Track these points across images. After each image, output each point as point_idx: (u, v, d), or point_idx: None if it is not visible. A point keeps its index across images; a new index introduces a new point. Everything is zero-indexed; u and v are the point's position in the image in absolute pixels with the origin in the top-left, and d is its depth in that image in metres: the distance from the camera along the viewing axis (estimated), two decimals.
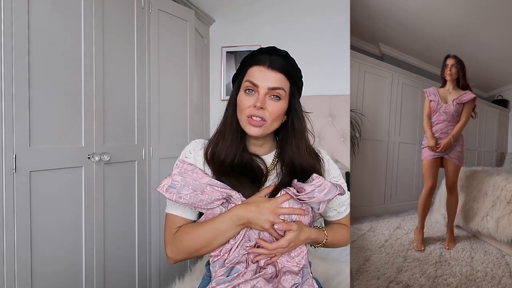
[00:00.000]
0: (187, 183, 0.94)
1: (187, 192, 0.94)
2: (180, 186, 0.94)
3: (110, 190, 1.86)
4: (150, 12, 2.14)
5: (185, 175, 0.95)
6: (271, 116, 0.99)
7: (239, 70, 1.05)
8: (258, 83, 0.98)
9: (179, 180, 0.94)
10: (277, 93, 0.99)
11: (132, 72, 2.01)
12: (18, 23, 1.35)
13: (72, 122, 1.62)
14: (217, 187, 0.96)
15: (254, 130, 0.99)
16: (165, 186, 0.95)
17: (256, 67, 0.99)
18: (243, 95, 1.00)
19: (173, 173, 0.96)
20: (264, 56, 1.00)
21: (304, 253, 1.00)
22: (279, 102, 0.99)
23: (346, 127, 2.66)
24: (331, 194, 0.95)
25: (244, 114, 0.99)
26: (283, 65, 1.00)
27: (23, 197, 1.39)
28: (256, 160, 1.04)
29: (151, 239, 2.18)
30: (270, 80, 0.98)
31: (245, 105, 0.99)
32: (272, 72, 0.98)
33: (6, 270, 1.33)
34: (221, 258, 0.98)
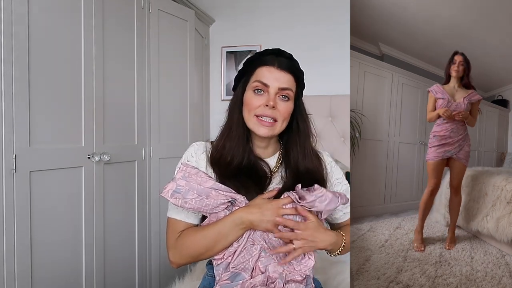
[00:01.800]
0: (192, 187, 0.93)
1: (192, 197, 0.93)
2: (185, 191, 0.93)
3: (110, 190, 1.86)
4: (150, 12, 2.14)
5: (189, 179, 0.94)
6: (282, 116, 0.99)
7: (244, 70, 1.05)
8: (269, 82, 0.98)
9: (184, 185, 0.93)
10: (287, 94, 0.99)
11: (132, 72, 2.01)
12: (18, 23, 1.35)
13: (72, 122, 1.62)
14: (221, 191, 0.95)
15: (264, 131, 0.98)
16: (170, 191, 0.94)
17: (265, 67, 0.99)
18: (251, 94, 0.99)
19: (177, 177, 0.95)
20: (271, 57, 1.00)
21: (311, 265, 0.98)
22: (288, 102, 1.00)
23: (346, 127, 2.65)
24: (332, 206, 0.95)
25: (253, 114, 0.98)
26: (290, 66, 1.00)
27: (23, 197, 1.39)
28: (260, 163, 1.03)
29: (151, 239, 2.18)
30: (280, 80, 0.98)
31: (255, 104, 0.98)
32: (282, 72, 0.99)
33: (6, 270, 1.33)
34: (224, 261, 0.97)
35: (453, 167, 1.70)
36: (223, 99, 3.02)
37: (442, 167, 1.70)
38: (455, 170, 1.70)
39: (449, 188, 1.74)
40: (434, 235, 1.79)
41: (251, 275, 0.96)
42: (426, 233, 1.75)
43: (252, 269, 0.96)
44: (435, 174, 1.69)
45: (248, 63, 1.04)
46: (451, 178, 1.72)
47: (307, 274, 0.99)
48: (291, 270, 0.97)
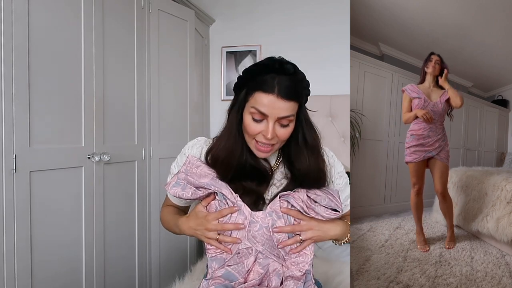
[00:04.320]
0: (190, 182, 0.97)
1: (189, 190, 0.97)
2: (184, 184, 0.98)
3: (110, 190, 1.86)
4: (150, 12, 2.14)
5: (190, 172, 0.98)
6: (280, 139, 0.97)
7: (244, 83, 0.98)
8: (267, 113, 0.92)
9: (183, 179, 0.98)
10: (287, 121, 0.95)
11: (132, 72, 2.01)
12: (18, 23, 1.35)
13: (72, 122, 1.62)
14: (216, 187, 0.97)
15: (263, 154, 0.99)
16: (172, 184, 0.99)
17: (263, 95, 0.92)
18: (250, 120, 0.95)
19: (181, 170, 1.00)
20: (271, 78, 0.92)
21: (309, 259, 0.99)
22: (288, 127, 0.96)
23: (346, 127, 2.66)
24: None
25: (252, 138, 0.97)
26: (292, 89, 0.93)
27: (23, 197, 1.39)
28: (260, 161, 1.03)
29: (151, 239, 2.18)
30: (279, 109, 0.92)
31: (253, 131, 0.95)
32: (282, 101, 0.91)
33: (6, 270, 1.33)
34: (219, 255, 0.98)
35: (435, 168, 1.64)
36: (223, 99, 3.02)
37: (423, 168, 1.66)
38: (437, 172, 1.64)
39: None
40: (434, 235, 1.79)
41: (245, 279, 0.96)
42: (426, 234, 1.75)
43: (247, 272, 0.96)
44: (417, 174, 1.65)
45: (248, 77, 0.97)
46: (435, 182, 1.66)
47: (306, 268, 0.99)
48: (289, 265, 0.98)
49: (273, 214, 0.96)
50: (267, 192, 1.02)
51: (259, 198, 0.99)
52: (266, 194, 1.01)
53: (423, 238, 1.68)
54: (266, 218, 0.96)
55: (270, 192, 1.02)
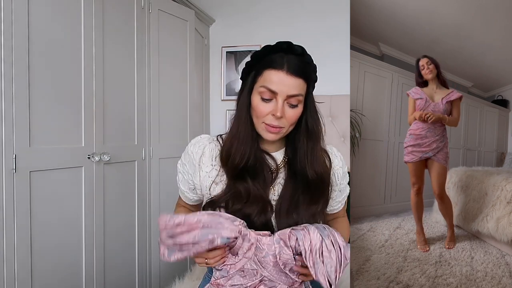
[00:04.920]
0: (182, 243, 0.91)
1: (190, 249, 0.90)
2: (179, 248, 0.91)
3: (110, 190, 1.86)
4: (150, 12, 2.14)
5: (174, 234, 0.92)
6: (289, 122, 0.96)
7: (252, 65, 0.99)
8: (277, 89, 0.92)
9: (173, 245, 0.92)
10: (296, 100, 0.94)
11: (132, 72, 2.01)
12: (18, 23, 1.35)
13: (72, 122, 1.62)
14: (211, 234, 0.89)
15: (271, 136, 0.97)
16: (165, 254, 0.93)
17: (273, 71, 0.92)
18: (258, 100, 0.95)
19: (162, 238, 0.94)
20: (280, 56, 0.94)
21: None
22: (297, 108, 0.96)
23: (346, 127, 2.66)
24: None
25: (261, 121, 0.96)
26: (301, 67, 0.94)
27: (23, 197, 1.39)
28: (266, 159, 1.02)
29: (151, 239, 2.18)
30: (289, 86, 0.92)
31: (262, 112, 0.95)
32: (291, 78, 0.92)
33: (6, 270, 1.33)
34: (223, 267, 0.95)
35: (432, 169, 1.65)
36: (223, 99, 3.02)
37: (422, 168, 1.68)
38: (434, 173, 1.64)
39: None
40: (434, 235, 1.79)
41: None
42: (426, 233, 1.75)
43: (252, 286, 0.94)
44: (416, 174, 1.67)
45: (256, 58, 0.98)
46: (432, 183, 1.67)
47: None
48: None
49: (280, 242, 0.91)
50: (273, 190, 1.01)
51: (265, 204, 0.98)
52: (272, 194, 1.00)
53: (423, 238, 1.68)
54: (273, 246, 0.91)
55: (276, 191, 1.01)
